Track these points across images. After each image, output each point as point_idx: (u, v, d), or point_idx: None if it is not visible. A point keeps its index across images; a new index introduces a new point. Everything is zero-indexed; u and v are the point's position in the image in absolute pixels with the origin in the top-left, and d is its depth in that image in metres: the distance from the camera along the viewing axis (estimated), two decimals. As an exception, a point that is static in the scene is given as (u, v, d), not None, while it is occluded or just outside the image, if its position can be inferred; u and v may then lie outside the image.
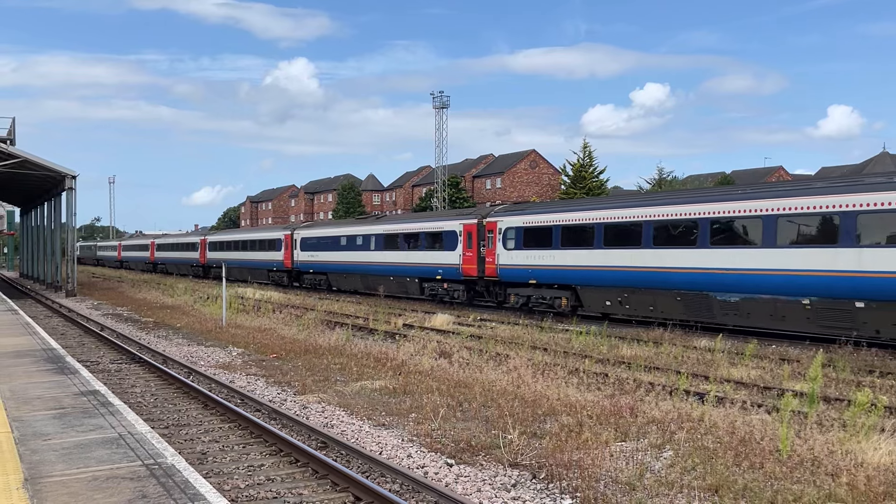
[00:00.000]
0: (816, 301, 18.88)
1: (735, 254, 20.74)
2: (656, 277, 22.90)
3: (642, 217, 23.67)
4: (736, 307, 20.93)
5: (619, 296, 24.50)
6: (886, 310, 17.51)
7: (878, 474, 8.16)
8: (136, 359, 17.93)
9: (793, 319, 19.59)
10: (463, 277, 31.68)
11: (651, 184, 74.56)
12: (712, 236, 21.43)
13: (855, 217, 18.09)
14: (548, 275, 27.15)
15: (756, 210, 20.36)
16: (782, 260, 19.54)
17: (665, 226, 22.94)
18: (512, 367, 15.21)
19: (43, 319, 28.07)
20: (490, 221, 30.28)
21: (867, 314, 17.94)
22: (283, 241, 48.04)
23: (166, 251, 73.70)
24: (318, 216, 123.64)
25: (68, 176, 41.15)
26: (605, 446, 9.61)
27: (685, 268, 22.01)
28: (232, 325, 24.84)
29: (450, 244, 32.33)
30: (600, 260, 24.91)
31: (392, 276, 36.76)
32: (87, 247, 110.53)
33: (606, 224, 24.92)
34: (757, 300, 20.27)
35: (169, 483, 6.73)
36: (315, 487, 8.48)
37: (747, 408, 11.65)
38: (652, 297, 23.37)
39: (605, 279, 24.84)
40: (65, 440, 8.25)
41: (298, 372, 16.03)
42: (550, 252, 27.00)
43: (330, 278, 43.75)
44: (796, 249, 19.35)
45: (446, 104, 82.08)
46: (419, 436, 10.60)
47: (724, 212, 21.26)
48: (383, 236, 37.50)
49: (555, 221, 27.18)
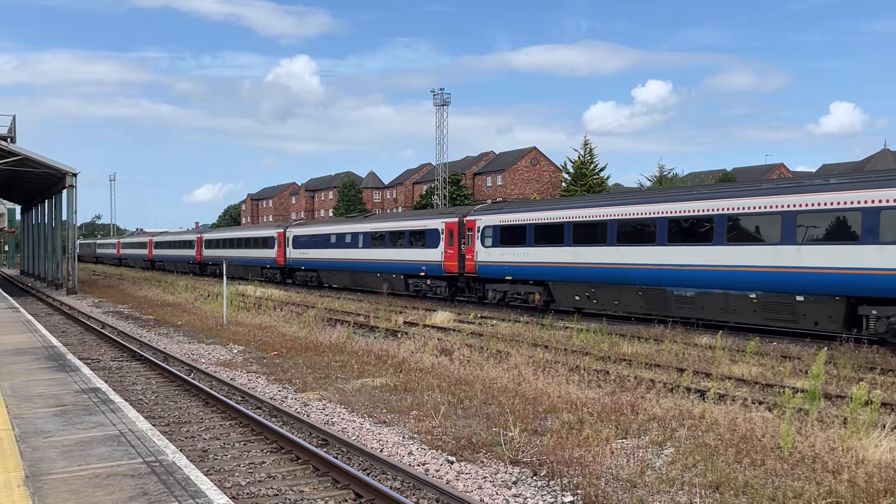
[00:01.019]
0: (762, 295, 20.21)
1: (690, 251, 22.01)
2: (620, 274, 24.20)
3: (607, 216, 24.96)
4: (691, 301, 22.23)
5: (587, 291, 25.76)
6: (823, 303, 18.88)
7: (878, 471, 8.15)
8: (136, 356, 17.93)
9: (742, 312, 20.96)
10: (445, 274, 32.86)
11: (652, 181, 74.48)
12: (669, 235, 22.68)
13: (795, 216, 19.38)
14: (522, 271, 28.38)
15: (708, 210, 21.67)
16: (732, 257, 20.83)
17: (627, 225, 24.19)
18: (513, 365, 15.21)
19: (44, 317, 28.09)
20: (470, 220, 31.47)
21: (806, 307, 19.27)
22: (276, 238, 49.23)
23: (164, 249, 74.46)
24: (319, 214, 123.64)
25: (69, 174, 41.14)
26: (605, 443, 9.61)
27: (645, 264, 23.30)
28: (233, 323, 24.84)
29: (432, 242, 33.46)
30: (570, 257, 26.15)
31: (379, 273, 37.91)
32: (87, 244, 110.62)
33: (575, 223, 26.24)
34: (710, 294, 21.62)
35: (170, 480, 6.73)
36: (316, 485, 8.48)
37: (748, 405, 11.64)
38: (617, 292, 24.61)
39: (574, 275, 26.08)
40: (66, 437, 8.25)
41: (299, 369, 16.03)
42: (525, 249, 28.23)
43: (321, 275, 44.88)
44: (744, 247, 20.61)
45: (447, 101, 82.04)
46: (420, 433, 10.60)
47: (680, 211, 22.58)
48: (370, 234, 38.72)
49: (529, 220, 28.44)
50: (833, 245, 18.58)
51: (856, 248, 18.07)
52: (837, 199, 18.69)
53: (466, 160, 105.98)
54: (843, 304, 18.56)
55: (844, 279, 18.31)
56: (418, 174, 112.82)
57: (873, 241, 17.77)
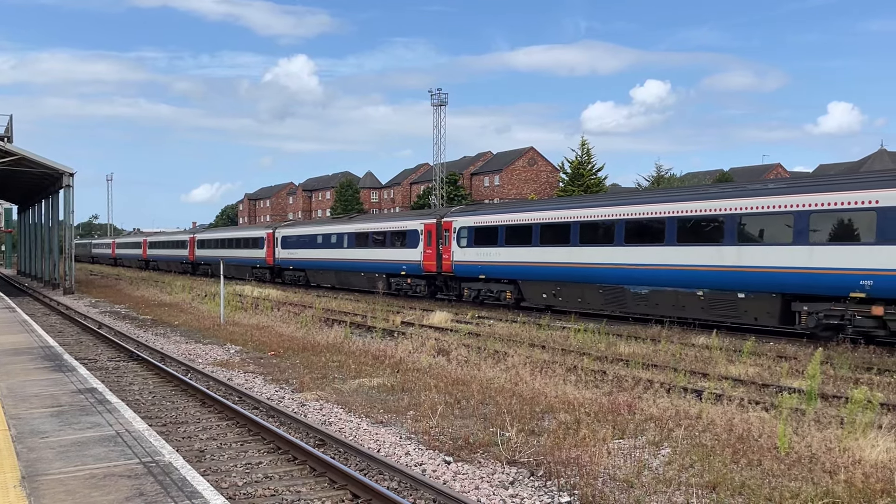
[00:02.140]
0: (708, 292, 21.62)
1: (644, 251, 23.39)
2: (582, 273, 25.61)
3: (570, 218, 26.49)
4: (646, 298, 23.57)
5: (553, 289, 27.18)
6: (761, 300, 20.23)
7: (875, 471, 8.16)
8: (133, 356, 17.91)
9: (691, 308, 22.30)
10: (424, 273, 34.11)
11: (649, 181, 74.52)
12: (626, 236, 24.05)
13: (736, 219, 20.77)
14: (495, 270, 29.81)
15: (660, 213, 23.11)
16: (681, 256, 22.18)
17: (588, 226, 25.69)
18: (510, 365, 15.22)
19: (41, 317, 28.05)
20: (446, 221, 32.75)
21: (747, 303, 20.62)
22: (265, 239, 50.47)
23: (157, 249, 75.40)
24: (317, 214, 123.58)
25: (66, 173, 41.08)
26: (603, 444, 9.61)
27: (605, 264, 24.68)
28: (230, 323, 24.82)
29: (412, 242, 34.73)
30: (538, 257, 27.52)
31: (363, 272, 39.26)
32: (83, 244, 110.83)
33: (543, 224, 27.60)
34: (662, 292, 22.99)
35: (166, 481, 6.72)
36: (313, 485, 8.48)
37: (745, 405, 11.65)
38: (580, 289, 26.00)
39: (542, 274, 27.46)
40: (62, 438, 8.24)
41: (296, 369, 16.02)
42: (497, 250, 29.59)
43: (308, 274, 46.09)
44: (692, 247, 21.96)
45: (444, 101, 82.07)
46: (417, 433, 10.59)
47: (635, 214, 24.00)
48: (354, 235, 40.04)
49: (500, 222, 29.82)
50: (770, 246, 19.92)
51: (789, 249, 19.36)
52: (773, 204, 20.02)
53: (464, 160, 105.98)
54: (779, 301, 19.80)
55: (779, 277, 19.58)
56: (416, 174, 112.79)
57: (804, 243, 19.07)
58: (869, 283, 17.71)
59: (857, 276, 17.89)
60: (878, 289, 17.59)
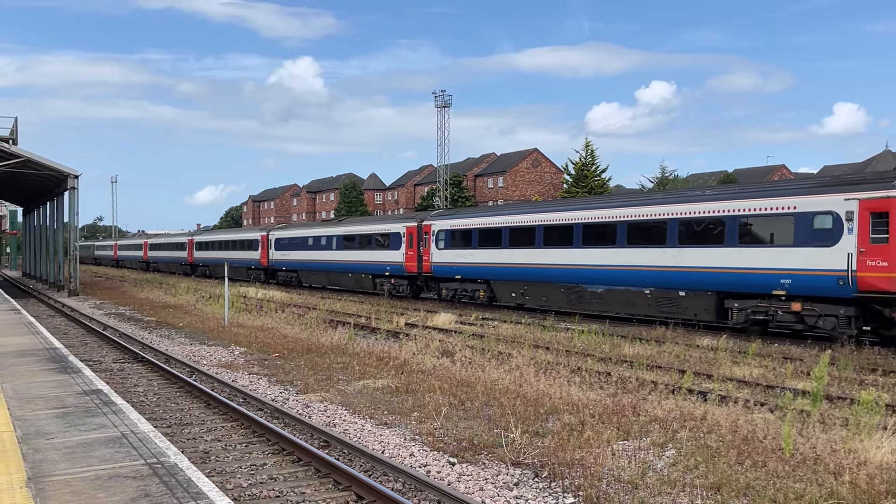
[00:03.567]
0: (654, 291, 23.35)
1: (599, 253, 25.20)
2: (546, 273, 27.43)
3: (535, 222, 28.32)
4: (601, 297, 25.37)
5: (521, 288, 29.02)
6: (699, 297, 22.03)
7: (880, 473, 8.15)
8: (138, 358, 17.95)
9: (640, 306, 24.11)
10: (406, 274, 35.90)
11: (653, 182, 74.43)
12: (584, 238, 25.89)
13: (676, 223, 22.54)
14: (469, 271, 31.67)
15: (612, 217, 25.04)
16: (631, 258, 23.96)
17: (551, 229, 27.45)
18: (514, 366, 15.22)
19: (46, 319, 28.12)
20: (426, 224, 34.59)
21: (687, 301, 22.41)
22: (259, 241, 52.17)
23: (158, 251, 77.02)
24: (321, 215, 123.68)
25: (70, 175, 41.17)
26: (607, 445, 9.61)
27: (565, 264, 26.52)
28: (234, 325, 24.86)
29: (395, 244, 36.57)
30: (507, 258, 29.32)
31: (350, 273, 41.16)
32: (86, 246, 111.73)
33: (511, 227, 29.42)
34: (615, 291, 24.77)
35: (172, 482, 6.73)
36: (317, 486, 8.49)
37: (750, 406, 11.64)
38: (544, 289, 27.84)
39: (511, 274, 29.31)
40: (68, 439, 8.26)
41: (301, 371, 16.04)
42: (471, 251, 31.45)
43: (300, 275, 47.73)
44: (639, 249, 23.73)
45: (448, 103, 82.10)
46: (421, 435, 10.60)
47: (591, 218, 25.91)
48: (343, 237, 41.84)
49: (474, 225, 31.80)
50: (705, 248, 21.73)
51: (721, 251, 21.22)
52: (709, 209, 21.94)
53: (468, 161, 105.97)
54: (714, 298, 21.61)
55: (714, 277, 21.44)
56: (419, 175, 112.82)
57: (734, 245, 20.93)
58: (788, 282, 19.55)
59: (779, 276, 19.72)
60: (796, 287, 19.42)
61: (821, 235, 18.97)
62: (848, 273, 18.27)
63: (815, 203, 19.28)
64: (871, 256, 18.03)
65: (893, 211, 17.79)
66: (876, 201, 18.10)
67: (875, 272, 17.92)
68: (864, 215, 18.21)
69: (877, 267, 17.92)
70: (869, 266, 18.04)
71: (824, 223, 18.98)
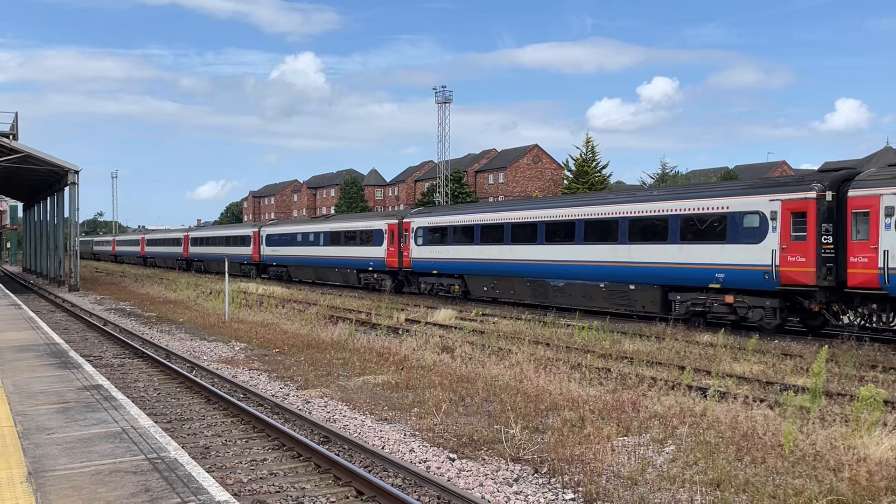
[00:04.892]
0: (608, 285, 24.93)
1: (560, 249, 26.79)
2: (513, 268, 29.07)
3: (504, 220, 30.02)
4: (563, 290, 26.93)
5: (492, 283, 30.71)
6: (646, 291, 23.59)
7: (879, 469, 8.16)
8: (139, 353, 17.96)
9: (596, 299, 25.58)
10: (388, 269, 37.43)
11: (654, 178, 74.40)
12: (547, 235, 27.50)
13: (627, 221, 24.19)
14: (445, 266, 33.14)
15: (571, 215, 26.65)
16: (588, 254, 25.60)
17: (518, 227, 29.09)
18: (514, 362, 15.22)
19: (46, 314, 28.13)
20: (406, 221, 36.13)
21: (636, 294, 23.95)
22: (251, 237, 53.71)
23: (154, 246, 78.44)
24: (321, 211, 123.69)
25: (71, 171, 41.13)
26: (607, 441, 9.62)
27: (530, 260, 28.15)
28: (234, 320, 24.87)
29: (377, 241, 38.05)
30: (479, 254, 31.02)
31: (337, 268, 42.68)
32: (85, 242, 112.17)
33: (482, 225, 31.12)
34: (574, 285, 26.35)
35: (172, 477, 6.74)
36: (318, 482, 8.50)
37: (749, 403, 11.65)
38: (512, 283, 29.48)
39: (482, 269, 30.93)
40: (68, 434, 8.27)
41: (301, 367, 16.05)
42: (446, 248, 33.01)
43: (290, 270, 49.13)
44: (596, 246, 25.33)
45: (449, 99, 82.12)
46: (421, 430, 10.61)
47: (553, 216, 27.52)
48: (329, 234, 43.43)
49: (449, 223, 33.31)
50: (652, 245, 23.25)
51: (665, 247, 22.81)
52: (655, 208, 23.56)
53: (468, 157, 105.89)
54: (659, 292, 23.21)
55: (659, 271, 23.04)
56: (420, 172, 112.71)
57: (676, 242, 22.54)
58: (722, 276, 21.17)
59: (714, 270, 21.37)
60: (728, 280, 21.05)
61: (749, 233, 20.58)
62: (772, 268, 19.84)
63: (744, 203, 20.98)
64: (792, 253, 19.50)
65: (811, 211, 19.27)
66: (796, 202, 19.63)
67: (795, 267, 19.44)
68: (786, 215, 19.73)
69: (796, 262, 19.42)
70: (790, 262, 19.52)
71: (752, 222, 20.60)
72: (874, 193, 18.28)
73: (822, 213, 19.19)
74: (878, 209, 18.06)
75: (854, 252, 18.57)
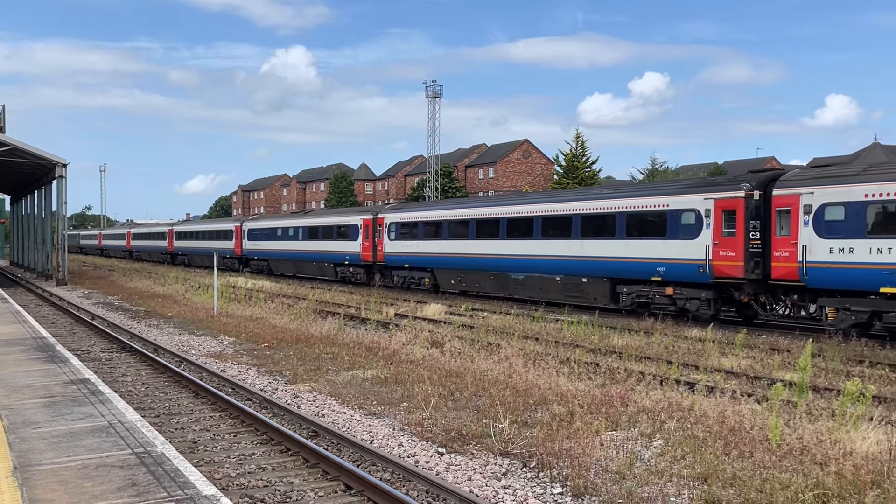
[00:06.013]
0: (563, 278, 26.41)
1: (520, 244, 28.18)
2: (478, 262, 30.61)
3: (469, 216, 31.68)
4: (523, 283, 28.38)
5: (459, 276, 32.21)
6: (597, 283, 25.13)
7: (865, 463, 8.21)
8: (126, 348, 17.88)
9: (553, 291, 27.02)
10: (363, 262, 38.80)
11: (644, 174, 74.57)
12: (508, 231, 28.96)
13: (580, 218, 25.74)
14: (416, 260, 34.56)
15: (529, 212, 28.11)
16: (545, 248, 27.02)
17: (482, 222, 30.70)
18: (503, 357, 15.23)
19: (33, 308, 27.97)
20: (380, 217, 37.40)
21: (588, 286, 25.52)
22: (234, 231, 54.78)
23: (140, 240, 79.17)
24: (311, 206, 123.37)
25: (59, 164, 40.86)
26: (595, 435, 9.64)
27: (493, 254, 29.65)
28: (223, 315, 24.79)
29: (353, 235, 39.27)
30: (447, 248, 32.34)
31: (315, 262, 44.11)
32: (72, 236, 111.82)
33: (450, 221, 32.69)
34: (533, 278, 27.77)
35: (159, 471, 6.72)
36: (306, 476, 8.49)
37: (737, 397, 11.70)
38: (477, 276, 31.06)
39: (450, 263, 32.36)
40: (55, 428, 8.23)
41: (290, 361, 16.01)
42: (417, 242, 34.40)
43: (270, 264, 50.48)
44: (552, 241, 26.74)
45: (439, 93, 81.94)
46: (410, 425, 10.61)
47: (514, 213, 29.02)
48: (308, 228, 44.62)
49: (420, 218, 34.84)
50: (601, 240, 24.77)
51: (613, 242, 24.27)
52: (604, 205, 25.15)
53: (458, 152, 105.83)
54: (608, 284, 24.70)
55: (608, 265, 24.55)
56: (410, 166, 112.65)
57: (622, 237, 23.94)
58: (663, 269, 22.63)
59: (655, 264, 22.81)
60: (668, 273, 22.54)
61: (686, 230, 22.05)
62: (706, 262, 21.35)
63: (682, 201, 22.44)
64: (723, 248, 20.95)
65: (739, 209, 20.68)
66: (727, 200, 21.06)
67: (726, 261, 20.90)
68: (719, 213, 21.14)
69: (727, 256, 20.87)
70: (721, 256, 20.99)
71: (689, 219, 22.06)
72: (794, 192, 19.62)
73: (751, 211, 20.54)
74: (798, 207, 19.38)
75: (777, 247, 19.90)
